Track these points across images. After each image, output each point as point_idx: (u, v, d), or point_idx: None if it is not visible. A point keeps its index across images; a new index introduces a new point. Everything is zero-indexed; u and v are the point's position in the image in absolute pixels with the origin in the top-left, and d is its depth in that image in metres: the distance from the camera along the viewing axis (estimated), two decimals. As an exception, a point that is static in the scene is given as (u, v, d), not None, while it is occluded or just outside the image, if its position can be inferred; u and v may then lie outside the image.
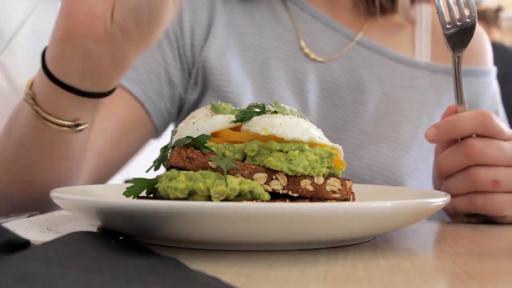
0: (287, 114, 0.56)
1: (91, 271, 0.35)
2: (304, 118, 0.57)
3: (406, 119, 0.95)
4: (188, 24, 0.96)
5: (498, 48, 3.03)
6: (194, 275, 0.35)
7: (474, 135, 0.69)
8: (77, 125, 0.65)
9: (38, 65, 1.07)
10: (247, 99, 0.91)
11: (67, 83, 0.61)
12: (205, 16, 0.97)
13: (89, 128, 0.67)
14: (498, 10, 3.49)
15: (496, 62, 1.08)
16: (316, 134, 0.55)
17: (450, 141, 0.71)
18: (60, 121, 0.64)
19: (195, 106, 0.96)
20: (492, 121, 0.68)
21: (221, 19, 0.98)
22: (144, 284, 0.33)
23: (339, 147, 0.58)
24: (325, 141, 0.56)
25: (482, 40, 1.05)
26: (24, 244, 0.41)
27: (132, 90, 0.92)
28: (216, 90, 0.93)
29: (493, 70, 1.04)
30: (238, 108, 0.59)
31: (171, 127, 1.02)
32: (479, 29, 1.05)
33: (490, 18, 3.38)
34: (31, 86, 0.66)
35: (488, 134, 0.68)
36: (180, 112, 0.99)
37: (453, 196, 0.68)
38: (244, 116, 0.55)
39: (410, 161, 0.91)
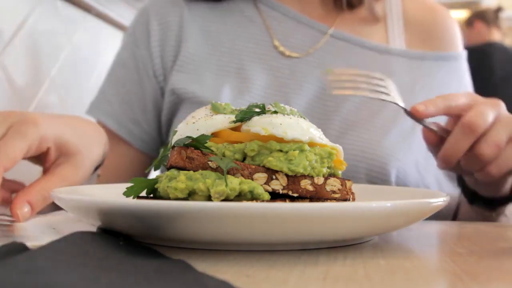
0: (287, 114, 0.56)
1: (98, 270, 0.35)
2: (304, 118, 0.57)
3: (385, 105, 0.95)
4: (157, 44, 0.99)
5: (498, 48, 3.03)
6: (203, 278, 0.35)
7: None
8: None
9: (37, 65, 1.07)
10: (223, 99, 0.92)
11: None
12: (174, 33, 1.00)
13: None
14: (498, 10, 3.50)
15: (497, 62, 1.09)
16: (316, 134, 0.55)
17: (437, 144, 0.74)
18: None
19: (172, 116, 0.98)
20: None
21: (192, 31, 0.99)
22: (152, 285, 0.33)
23: (339, 147, 0.58)
24: (325, 141, 0.56)
25: (451, 25, 1.06)
26: (21, 248, 0.41)
27: (107, 123, 0.98)
28: (190, 97, 0.94)
29: (463, 54, 1.06)
30: (238, 108, 0.59)
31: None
32: (448, 14, 1.07)
33: (490, 18, 3.40)
34: None
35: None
36: (167, 129, 1.00)
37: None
38: (244, 116, 0.55)
39: (391, 142, 0.92)
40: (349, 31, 1.02)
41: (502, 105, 0.73)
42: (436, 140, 0.74)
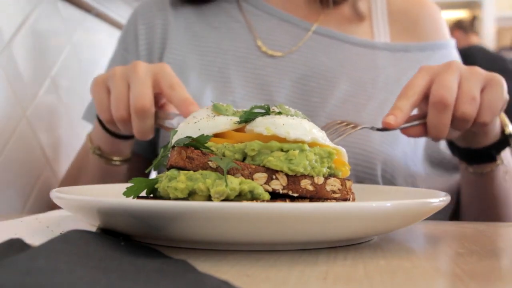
0: (291, 115, 0.56)
1: (98, 271, 0.35)
2: (307, 120, 0.57)
3: (370, 98, 0.96)
4: (144, 47, 1.01)
5: (479, 50, 3.21)
6: (204, 278, 0.35)
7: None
8: (126, 160, 0.93)
9: (37, 65, 1.07)
10: (206, 99, 0.93)
11: (121, 134, 0.87)
12: (159, 35, 1.01)
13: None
14: (474, 19, 3.74)
15: (479, 62, 1.09)
16: (319, 135, 0.55)
17: (422, 132, 0.76)
18: (120, 159, 0.91)
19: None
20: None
21: (176, 33, 1.01)
22: (153, 285, 0.33)
23: (342, 149, 0.57)
24: (328, 142, 0.56)
25: (436, 15, 1.07)
26: (23, 246, 0.41)
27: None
28: None
29: (451, 42, 1.06)
30: (239, 110, 0.59)
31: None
32: (432, 4, 1.08)
33: (466, 26, 3.64)
34: (91, 141, 0.91)
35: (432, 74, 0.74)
36: (157, 130, 1.01)
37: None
38: (249, 117, 0.55)
39: (377, 135, 0.92)
40: (333, 26, 1.02)
41: (456, 63, 0.75)
42: (419, 131, 0.76)
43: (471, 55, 3.06)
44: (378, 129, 0.75)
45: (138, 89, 0.74)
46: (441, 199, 0.52)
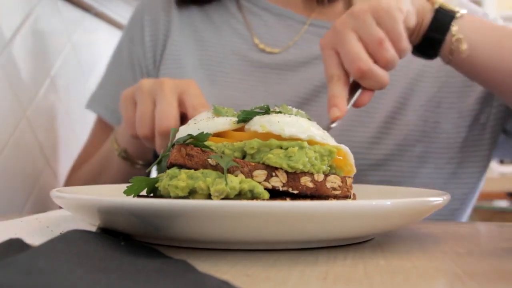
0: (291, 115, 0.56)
1: (98, 271, 0.35)
2: (309, 119, 0.57)
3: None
4: (149, 38, 1.02)
5: None
6: (204, 278, 0.35)
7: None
8: (149, 164, 0.94)
9: (37, 65, 1.07)
10: (206, 94, 0.93)
11: None
12: (163, 27, 1.03)
13: None
14: None
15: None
16: (317, 133, 0.55)
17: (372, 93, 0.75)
18: (143, 163, 0.94)
19: None
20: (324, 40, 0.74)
21: (179, 27, 1.02)
22: (153, 285, 0.33)
23: (346, 148, 0.57)
24: (329, 141, 0.56)
25: None
26: (24, 246, 0.41)
27: (107, 118, 1.03)
28: None
29: None
30: (239, 111, 0.59)
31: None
32: None
33: None
34: (117, 143, 0.92)
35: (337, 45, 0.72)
36: None
37: None
38: (247, 116, 0.55)
39: (374, 123, 0.92)
40: (328, 18, 1.03)
41: (340, 21, 0.73)
42: (367, 95, 0.74)
43: None
44: (333, 124, 0.72)
45: (164, 109, 0.74)
46: (441, 198, 0.52)
